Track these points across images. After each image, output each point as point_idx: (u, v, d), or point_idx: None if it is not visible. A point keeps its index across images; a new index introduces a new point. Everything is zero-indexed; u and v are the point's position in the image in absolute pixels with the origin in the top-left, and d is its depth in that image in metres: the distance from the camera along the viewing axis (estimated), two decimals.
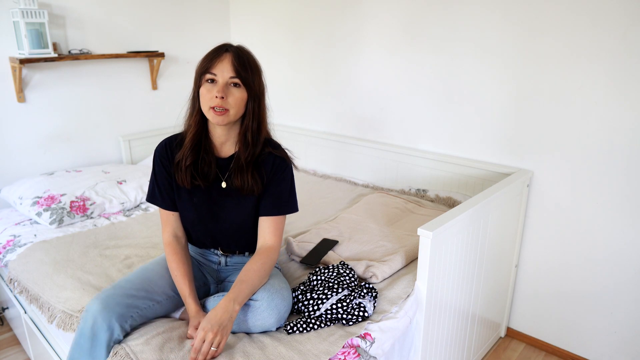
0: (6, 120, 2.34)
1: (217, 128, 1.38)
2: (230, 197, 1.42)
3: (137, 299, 1.30)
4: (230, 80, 1.29)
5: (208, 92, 1.29)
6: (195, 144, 1.37)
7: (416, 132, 2.38)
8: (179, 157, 1.38)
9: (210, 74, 1.29)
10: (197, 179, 1.38)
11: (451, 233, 1.53)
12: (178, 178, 1.39)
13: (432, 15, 2.17)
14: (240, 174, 1.38)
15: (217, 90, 1.28)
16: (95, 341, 1.24)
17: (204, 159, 1.38)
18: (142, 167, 2.58)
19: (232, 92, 1.30)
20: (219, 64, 1.29)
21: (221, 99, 1.28)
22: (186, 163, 1.36)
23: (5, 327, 2.32)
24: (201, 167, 1.38)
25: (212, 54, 1.31)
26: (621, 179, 1.79)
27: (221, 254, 1.51)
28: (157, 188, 1.44)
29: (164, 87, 2.93)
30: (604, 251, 1.88)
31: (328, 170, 2.82)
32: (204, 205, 1.42)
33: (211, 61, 1.30)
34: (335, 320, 1.35)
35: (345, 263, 1.57)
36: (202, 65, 1.32)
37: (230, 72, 1.29)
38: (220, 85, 1.28)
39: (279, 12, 2.85)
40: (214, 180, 1.41)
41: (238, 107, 1.32)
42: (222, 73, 1.29)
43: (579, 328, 2.02)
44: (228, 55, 1.30)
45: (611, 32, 1.69)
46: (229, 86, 1.30)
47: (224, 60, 1.29)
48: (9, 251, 1.88)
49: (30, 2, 2.17)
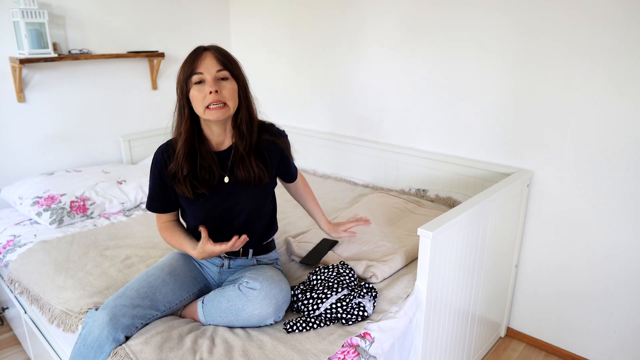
0: (6, 120, 2.34)
1: (213, 127, 1.36)
2: (238, 190, 1.41)
3: (142, 309, 1.31)
4: (218, 75, 1.29)
5: (200, 93, 1.29)
6: (189, 152, 1.34)
7: (416, 132, 2.38)
8: (173, 168, 1.35)
9: (197, 75, 1.28)
10: (199, 187, 1.36)
11: (451, 233, 1.53)
12: (178, 189, 1.37)
13: (433, 16, 2.17)
14: (243, 165, 1.37)
15: (209, 87, 1.27)
16: (100, 352, 1.24)
17: (202, 165, 1.36)
18: (142, 167, 2.58)
19: (224, 86, 1.30)
20: (202, 63, 1.29)
21: (215, 94, 1.27)
22: (183, 173, 1.34)
23: (5, 327, 2.32)
24: (201, 175, 1.36)
25: (191, 56, 1.31)
26: (621, 179, 1.79)
27: (224, 256, 1.50)
28: (154, 196, 1.44)
29: (164, 87, 2.93)
30: (604, 251, 1.88)
31: (328, 170, 2.82)
32: (211, 202, 1.40)
33: (193, 63, 1.29)
34: (335, 319, 1.35)
35: (345, 263, 1.57)
36: (185, 69, 1.30)
37: (216, 66, 1.29)
38: (210, 81, 1.28)
39: (279, 12, 2.85)
40: (217, 182, 1.39)
41: (234, 99, 1.32)
42: (209, 69, 1.28)
43: (579, 328, 2.02)
44: (208, 53, 1.30)
45: (611, 32, 1.69)
46: (218, 81, 1.30)
47: (205, 58, 1.29)
48: (9, 251, 1.89)
49: (30, 2, 2.17)
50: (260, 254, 1.53)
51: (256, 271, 1.40)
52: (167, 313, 1.38)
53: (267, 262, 1.56)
